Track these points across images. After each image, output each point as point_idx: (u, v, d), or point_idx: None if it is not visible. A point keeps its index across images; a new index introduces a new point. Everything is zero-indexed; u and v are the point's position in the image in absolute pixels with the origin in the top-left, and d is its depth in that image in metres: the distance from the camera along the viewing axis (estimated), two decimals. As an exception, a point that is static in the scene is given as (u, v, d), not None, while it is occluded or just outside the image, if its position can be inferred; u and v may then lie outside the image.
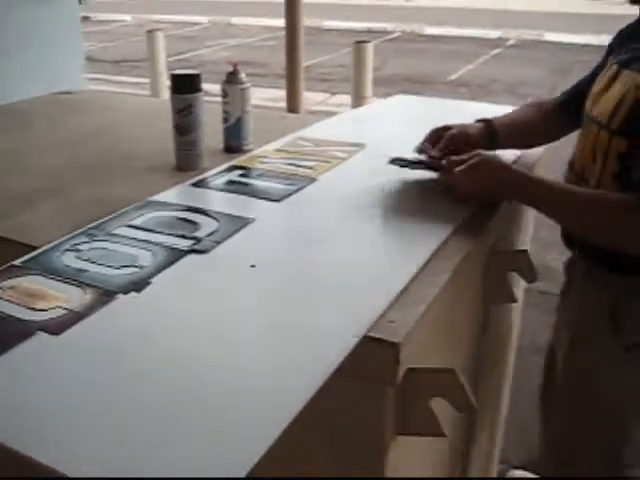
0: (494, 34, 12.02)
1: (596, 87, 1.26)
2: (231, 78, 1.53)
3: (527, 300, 1.86)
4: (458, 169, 1.21)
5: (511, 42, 11.56)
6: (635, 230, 1.10)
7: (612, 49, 1.30)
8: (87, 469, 0.62)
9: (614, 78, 1.21)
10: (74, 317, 0.84)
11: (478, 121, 1.44)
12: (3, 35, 2.90)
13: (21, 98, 2.15)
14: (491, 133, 1.41)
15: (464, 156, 1.22)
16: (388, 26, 13.00)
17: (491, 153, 1.27)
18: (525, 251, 1.28)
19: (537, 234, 1.92)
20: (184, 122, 1.43)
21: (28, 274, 0.95)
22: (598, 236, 1.16)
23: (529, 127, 1.47)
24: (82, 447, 0.65)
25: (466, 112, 1.80)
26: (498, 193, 1.22)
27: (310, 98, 6.60)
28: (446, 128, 1.40)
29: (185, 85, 1.43)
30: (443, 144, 1.35)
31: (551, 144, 1.54)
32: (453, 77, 8.52)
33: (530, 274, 1.27)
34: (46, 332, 0.81)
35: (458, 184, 1.21)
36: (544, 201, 1.18)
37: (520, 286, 1.65)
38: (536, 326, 1.60)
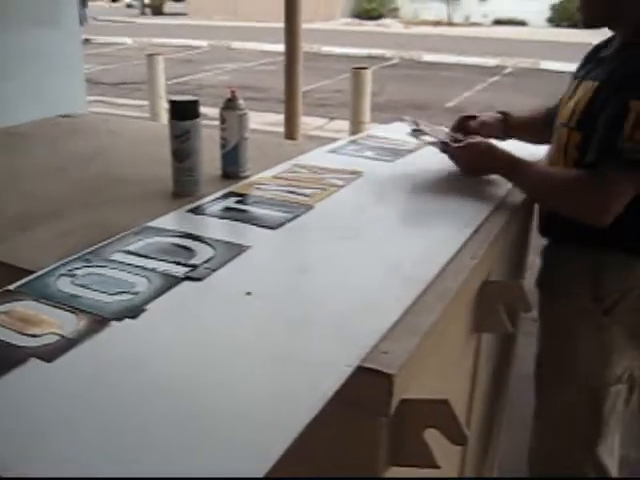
0: (492, 62, 12.14)
1: (562, 101, 1.53)
2: (229, 104, 1.54)
3: (521, 328, 1.86)
4: (456, 145, 1.52)
5: (508, 70, 11.66)
6: (582, 199, 1.33)
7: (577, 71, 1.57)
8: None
9: (575, 89, 1.47)
10: (67, 344, 0.84)
11: (499, 112, 1.73)
12: (4, 58, 2.92)
13: (22, 121, 2.16)
14: (505, 127, 1.71)
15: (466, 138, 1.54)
16: (387, 52, 13.12)
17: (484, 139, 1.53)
18: (519, 282, 1.29)
19: (532, 261, 1.92)
20: (182, 148, 1.44)
21: (22, 299, 0.95)
22: (560, 205, 1.41)
23: (539, 126, 1.68)
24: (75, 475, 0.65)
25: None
26: (488, 169, 1.51)
27: (308, 123, 6.63)
28: (470, 117, 1.72)
29: (183, 111, 1.43)
30: (462, 133, 1.65)
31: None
32: (451, 104, 8.57)
33: (524, 305, 1.28)
34: (39, 358, 0.81)
35: (457, 160, 1.53)
36: (520, 179, 1.45)
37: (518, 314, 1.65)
38: (530, 354, 1.60)
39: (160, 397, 0.76)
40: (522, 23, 19.71)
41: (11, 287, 0.99)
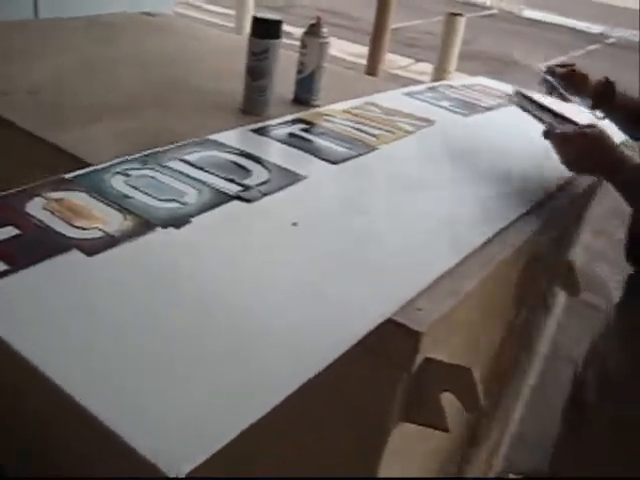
0: (596, 29, 11.58)
1: None
2: (312, 30, 1.50)
3: (567, 309, 1.82)
4: (561, 133, 1.23)
5: (611, 40, 11.11)
6: None
7: None
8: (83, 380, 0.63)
9: None
10: (110, 241, 0.85)
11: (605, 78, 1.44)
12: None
13: (107, 11, 2.16)
14: (608, 91, 1.41)
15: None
16: (488, 1, 12.64)
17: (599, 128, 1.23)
18: (569, 261, 1.24)
19: (591, 244, 1.87)
20: (258, 66, 1.42)
21: (75, 190, 0.97)
22: None
23: None
24: (79, 361, 0.67)
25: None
26: (591, 169, 1.24)
27: (393, 60, 6.50)
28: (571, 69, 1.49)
29: (265, 30, 1.41)
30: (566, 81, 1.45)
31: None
32: (541, 66, 8.26)
33: (572, 287, 1.24)
34: (80, 251, 0.83)
35: (558, 150, 1.23)
36: (627, 186, 1.16)
37: (561, 294, 1.61)
38: (574, 337, 1.57)
39: (188, 306, 0.78)
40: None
41: (67, 176, 1.00)
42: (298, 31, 1.66)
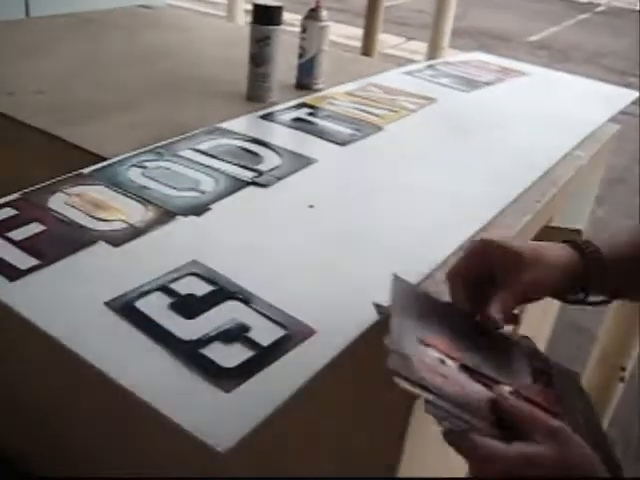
0: (584, -2, 11.53)
1: None
2: (312, 14, 1.51)
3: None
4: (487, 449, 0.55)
5: (601, 8, 11.05)
6: None
7: None
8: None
9: None
10: (134, 232, 0.87)
11: (566, 242, 0.74)
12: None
13: (101, 7, 2.17)
14: (593, 273, 0.70)
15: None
16: (475, -25, 12.58)
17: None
18: (579, 230, 1.26)
19: (593, 212, 1.89)
20: (260, 53, 1.43)
21: (94, 184, 0.99)
22: None
23: None
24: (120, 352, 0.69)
25: (543, 81, 1.76)
26: None
27: (385, 40, 6.45)
28: (493, 247, 0.70)
29: (266, 16, 1.42)
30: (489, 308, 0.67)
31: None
32: (534, 38, 8.22)
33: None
34: (107, 242, 0.85)
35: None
36: None
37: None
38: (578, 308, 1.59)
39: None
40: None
41: (85, 171, 1.02)
42: (291, 17, 1.67)
